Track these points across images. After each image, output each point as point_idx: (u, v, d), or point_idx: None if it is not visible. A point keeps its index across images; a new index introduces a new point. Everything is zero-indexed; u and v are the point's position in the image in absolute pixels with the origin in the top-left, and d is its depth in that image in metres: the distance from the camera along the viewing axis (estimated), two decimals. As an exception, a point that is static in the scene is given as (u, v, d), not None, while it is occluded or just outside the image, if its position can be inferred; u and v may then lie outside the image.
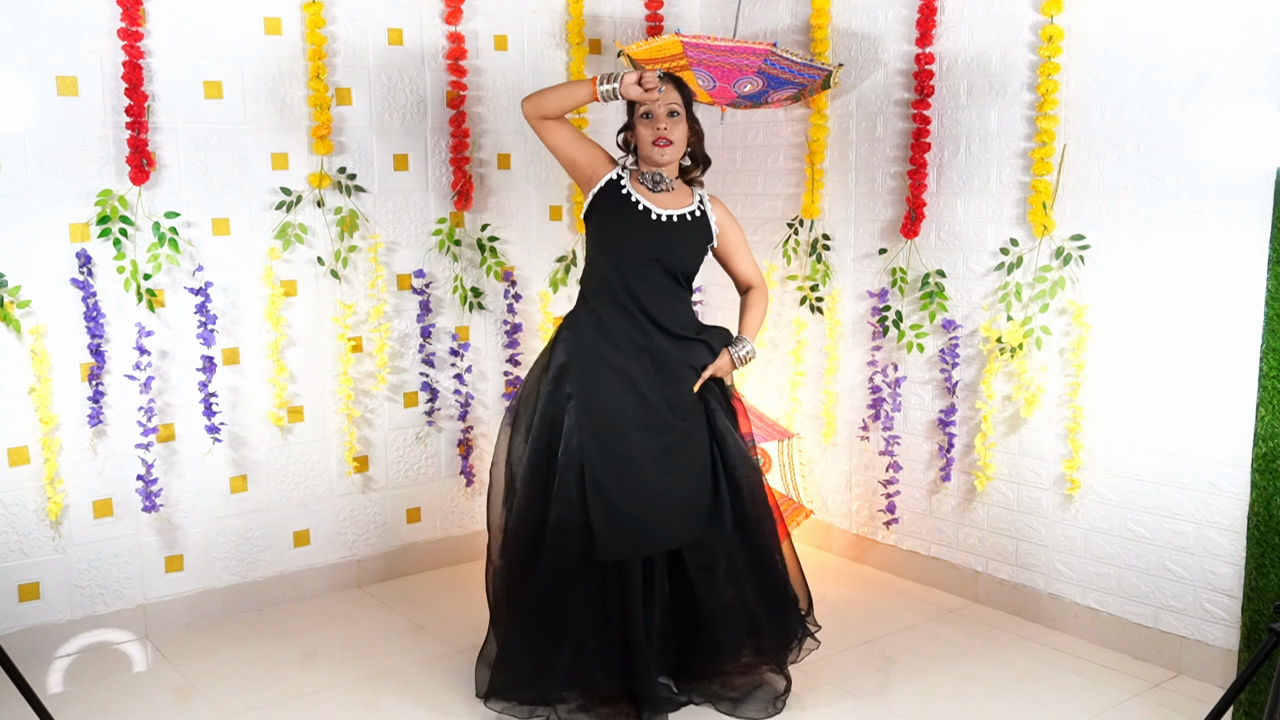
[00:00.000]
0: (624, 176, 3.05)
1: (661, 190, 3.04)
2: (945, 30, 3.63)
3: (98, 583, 3.47)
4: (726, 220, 3.15)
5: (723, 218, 3.14)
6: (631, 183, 3.04)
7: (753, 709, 3.02)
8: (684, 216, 3.04)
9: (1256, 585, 2.91)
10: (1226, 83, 2.96)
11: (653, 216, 3.00)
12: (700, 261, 3.12)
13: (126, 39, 3.30)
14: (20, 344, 3.26)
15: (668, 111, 2.97)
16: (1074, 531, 3.45)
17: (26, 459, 3.31)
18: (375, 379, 3.87)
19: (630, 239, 2.99)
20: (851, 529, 4.17)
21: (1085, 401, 3.35)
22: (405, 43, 3.85)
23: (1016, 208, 3.50)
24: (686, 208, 3.06)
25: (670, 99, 2.98)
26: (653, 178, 3.03)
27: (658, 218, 3.00)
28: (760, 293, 3.24)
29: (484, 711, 3.02)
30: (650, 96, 2.94)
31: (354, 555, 3.96)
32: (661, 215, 3.01)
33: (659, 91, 2.93)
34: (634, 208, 3.00)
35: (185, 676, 3.27)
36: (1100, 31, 3.22)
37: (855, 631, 3.54)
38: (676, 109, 2.99)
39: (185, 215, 3.49)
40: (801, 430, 4.26)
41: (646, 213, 3.00)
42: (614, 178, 3.04)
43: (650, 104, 2.97)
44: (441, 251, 3.99)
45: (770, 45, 3.34)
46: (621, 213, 3.01)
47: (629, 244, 3.00)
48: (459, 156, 3.96)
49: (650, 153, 2.99)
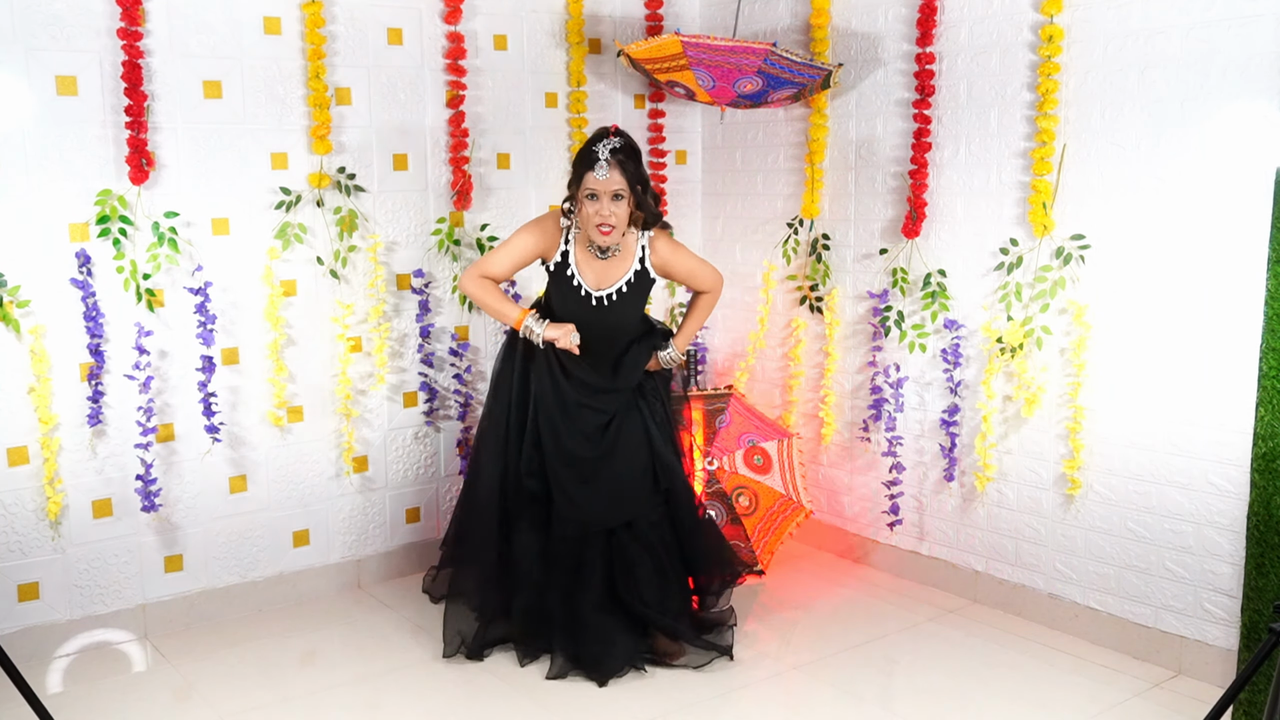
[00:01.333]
0: (569, 252, 3.24)
1: (609, 255, 3.23)
2: (945, 30, 3.63)
3: (97, 583, 3.47)
4: (667, 257, 3.30)
5: (662, 258, 3.29)
6: (577, 252, 3.24)
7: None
8: (621, 289, 3.24)
9: (1256, 585, 2.91)
10: (1226, 83, 2.96)
11: (592, 302, 3.22)
12: (643, 307, 3.36)
13: (126, 39, 3.29)
14: (20, 344, 3.26)
15: (611, 195, 3.09)
16: (1074, 531, 3.45)
17: (26, 459, 3.31)
18: (374, 379, 3.87)
19: (578, 316, 3.24)
20: (851, 529, 4.17)
21: (1085, 401, 3.35)
22: (405, 43, 3.85)
23: (1016, 208, 3.49)
24: (625, 276, 3.25)
25: (614, 186, 3.08)
26: (598, 246, 3.21)
27: (598, 301, 3.22)
28: (712, 295, 3.42)
29: (484, 712, 3.02)
30: (567, 348, 3.20)
31: (354, 555, 3.96)
32: (601, 298, 3.22)
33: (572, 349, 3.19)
34: (576, 291, 3.23)
35: (185, 676, 3.27)
36: (1100, 31, 3.22)
37: (855, 631, 3.54)
38: (621, 193, 3.10)
39: (185, 215, 3.48)
40: (801, 430, 4.26)
41: (588, 297, 3.23)
42: (559, 259, 3.25)
43: (595, 189, 3.09)
44: (441, 251, 3.99)
45: (770, 45, 3.34)
46: (567, 292, 3.24)
47: (577, 318, 3.24)
48: (459, 156, 3.96)
49: (592, 233, 3.15)
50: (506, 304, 3.29)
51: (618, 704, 3.06)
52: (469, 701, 3.09)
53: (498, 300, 3.28)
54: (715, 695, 3.12)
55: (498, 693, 3.13)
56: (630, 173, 3.11)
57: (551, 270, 3.28)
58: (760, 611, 3.68)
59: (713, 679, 3.21)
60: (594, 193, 3.09)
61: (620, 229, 3.16)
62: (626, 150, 3.12)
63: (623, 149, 3.11)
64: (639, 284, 3.27)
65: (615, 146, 3.09)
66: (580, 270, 3.22)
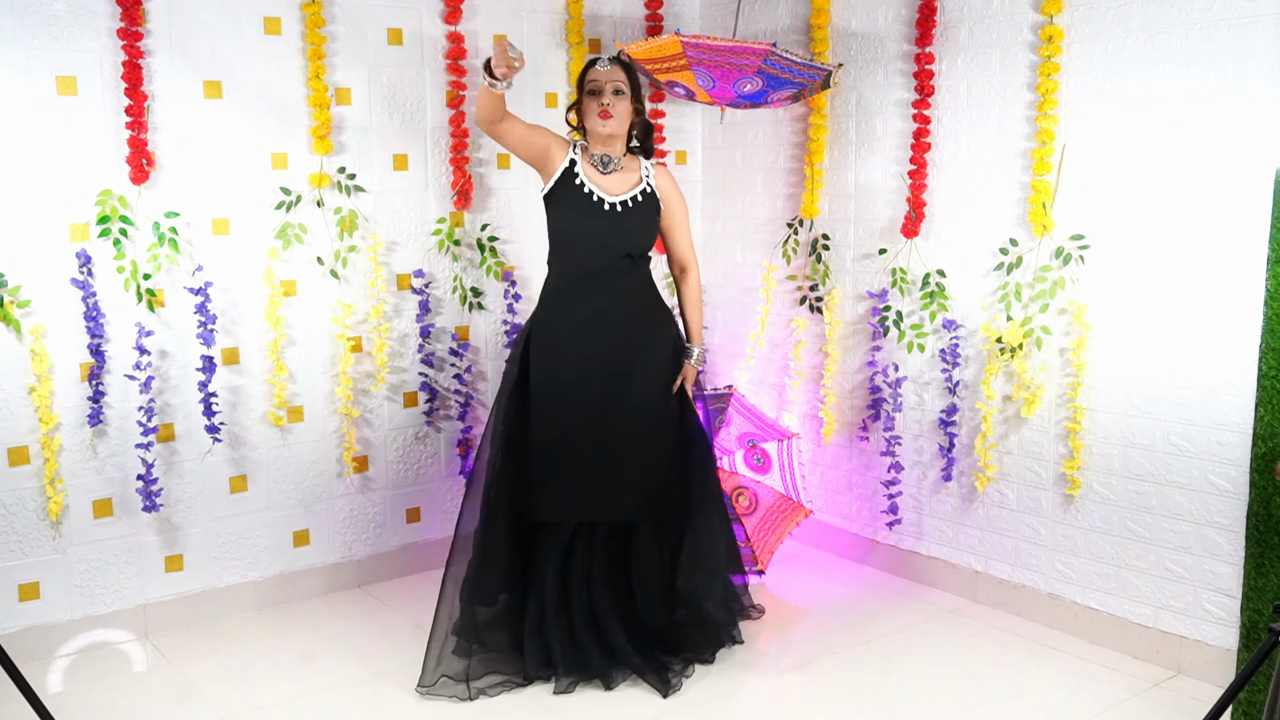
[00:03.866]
0: (577, 160, 3.23)
1: (611, 170, 3.23)
2: (945, 30, 3.63)
3: (98, 582, 3.47)
4: (670, 191, 3.33)
5: (667, 188, 3.32)
6: (583, 164, 3.23)
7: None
8: (634, 198, 3.23)
9: (1256, 585, 2.92)
10: (1226, 83, 2.96)
11: (605, 206, 3.19)
12: (655, 236, 3.31)
13: (126, 39, 3.30)
14: (20, 344, 3.26)
15: (613, 90, 3.18)
16: (1074, 531, 3.45)
17: (26, 459, 3.31)
18: (375, 379, 3.87)
19: (586, 229, 3.20)
20: (851, 529, 4.17)
21: (1085, 401, 3.35)
22: (405, 43, 3.85)
23: (1016, 208, 3.50)
24: (635, 188, 3.24)
25: (616, 77, 3.19)
26: (602, 159, 3.22)
27: (611, 206, 3.20)
28: (693, 279, 3.43)
29: (483, 712, 3.02)
30: (505, 61, 2.95)
31: (354, 555, 3.96)
32: (614, 203, 3.20)
33: (516, 61, 2.98)
34: (588, 198, 3.19)
35: (185, 676, 3.27)
36: (1100, 31, 3.22)
37: (855, 631, 3.55)
38: (621, 88, 3.20)
39: (185, 215, 3.49)
40: (801, 430, 4.26)
41: (600, 203, 3.19)
42: (568, 165, 3.21)
43: (597, 81, 3.17)
44: (441, 251, 3.99)
45: (770, 45, 3.34)
46: (575, 203, 3.20)
47: (586, 233, 3.21)
48: (459, 156, 3.96)
49: (594, 125, 3.19)
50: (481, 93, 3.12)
51: (618, 703, 3.07)
52: (469, 701, 3.09)
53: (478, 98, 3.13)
54: (715, 695, 3.13)
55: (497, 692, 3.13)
56: (632, 76, 3.23)
57: (554, 186, 3.20)
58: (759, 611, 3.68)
59: (713, 679, 3.21)
60: (597, 87, 3.18)
61: (621, 122, 3.20)
62: (628, 64, 3.28)
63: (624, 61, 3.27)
64: (648, 202, 3.26)
65: (615, 55, 3.24)
66: (588, 178, 3.21)
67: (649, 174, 3.29)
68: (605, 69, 3.18)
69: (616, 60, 3.23)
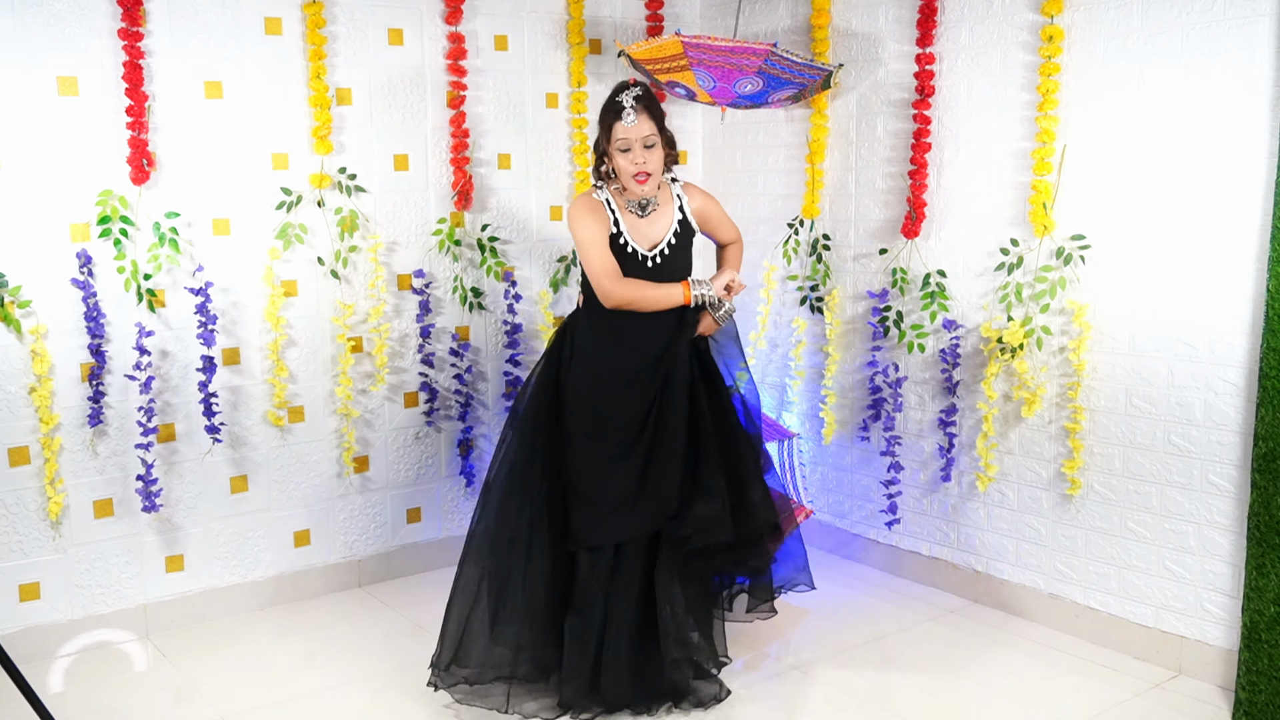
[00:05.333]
0: (618, 218, 3.13)
1: (649, 212, 3.17)
2: (945, 30, 3.63)
3: (98, 583, 3.47)
4: (703, 206, 3.29)
5: (699, 206, 3.28)
6: (622, 215, 3.14)
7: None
8: (670, 242, 3.18)
9: (1256, 585, 2.91)
10: (1226, 83, 2.96)
11: (648, 265, 3.14)
12: (690, 261, 3.26)
13: (126, 39, 3.30)
14: (20, 344, 3.27)
15: (643, 145, 3.04)
16: (1074, 531, 3.45)
17: (27, 459, 3.32)
18: (375, 379, 3.87)
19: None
20: (851, 529, 4.17)
21: (1085, 401, 3.35)
22: (406, 43, 3.86)
23: (1016, 208, 3.50)
24: (673, 224, 3.19)
25: (644, 132, 3.04)
26: (640, 203, 3.15)
27: (654, 261, 3.15)
28: (738, 246, 3.42)
29: (483, 712, 3.02)
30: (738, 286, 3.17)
31: (354, 555, 3.96)
32: (653, 256, 3.15)
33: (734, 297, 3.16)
34: (633, 258, 3.13)
35: (185, 676, 3.27)
36: (1100, 31, 3.22)
37: (855, 631, 3.55)
38: (651, 140, 3.06)
39: (185, 215, 3.49)
40: (801, 430, 4.26)
41: (643, 261, 3.14)
42: (614, 230, 3.11)
43: (627, 139, 3.03)
44: (441, 251, 3.99)
45: (770, 45, 3.34)
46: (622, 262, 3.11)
47: None
48: (459, 156, 3.96)
49: (631, 185, 3.09)
50: (658, 286, 3.12)
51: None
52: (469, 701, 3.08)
53: (649, 287, 3.11)
54: (715, 695, 3.13)
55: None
56: (657, 115, 3.10)
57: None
58: (760, 611, 3.68)
59: (713, 679, 3.21)
60: (626, 145, 3.05)
61: (657, 176, 3.11)
62: (648, 96, 3.11)
63: (644, 95, 3.10)
64: (684, 234, 3.22)
65: (638, 94, 3.07)
66: (631, 235, 3.15)
67: (682, 199, 3.23)
68: (631, 124, 3.02)
69: (640, 101, 3.05)
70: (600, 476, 3.08)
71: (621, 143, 3.04)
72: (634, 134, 3.02)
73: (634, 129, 3.02)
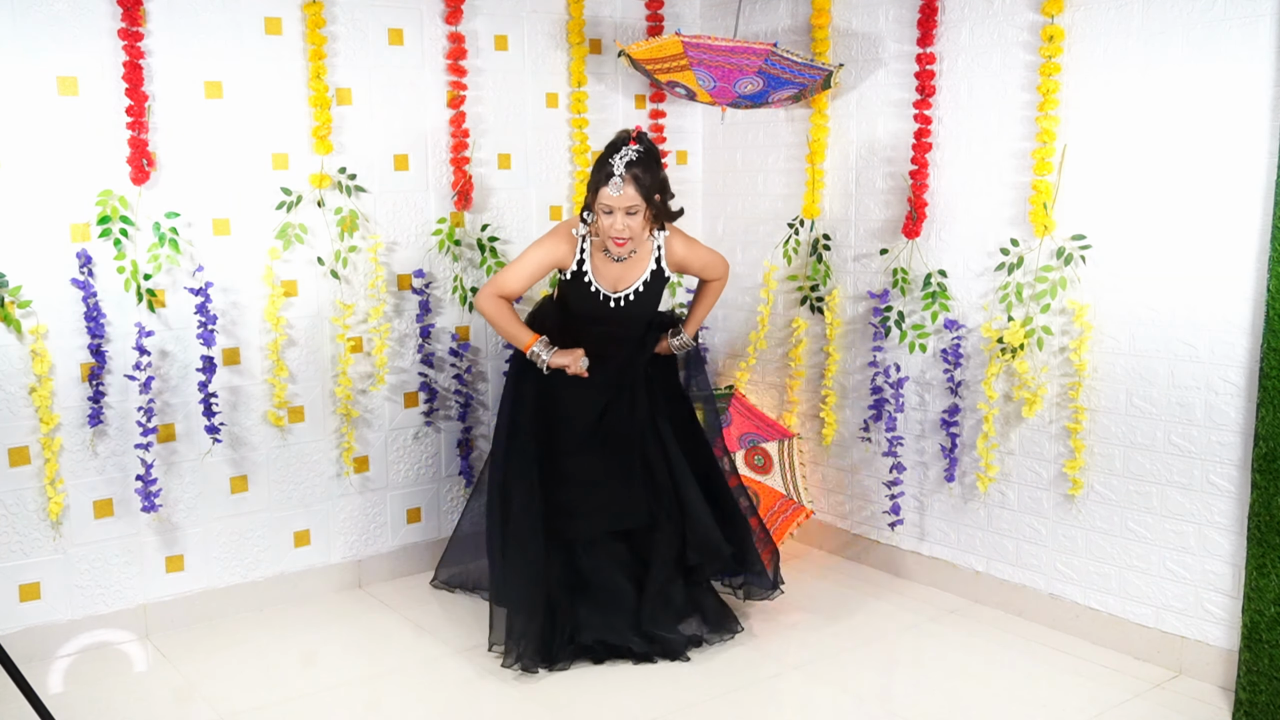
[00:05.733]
0: (586, 257, 3.26)
1: (623, 259, 3.29)
2: (945, 30, 3.63)
3: (98, 583, 3.47)
4: (683, 254, 3.37)
5: (679, 259, 3.37)
6: (592, 256, 3.28)
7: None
8: (638, 289, 3.30)
9: (1256, 585, 2.91)
10: (1227, 82, 2.96)
11: (610, 304, 3.29)
12: (658, 304, 3.42)
13: (126, 39, 3.30)
14: (21, 344, 3.26)
15: (625, 211, 3.13)
16: (1074, 531, 3.45)
17: (27, 459, 3.32)
18: (375, 379, 3.87)
19: (594, 321, 3.33)
20: (852, 529, 4.17)
21: (1086, 401, 3.35)
22: (406, 43, 3.85)
23: (1016, 208, 3.50)
24: (641, 277, 3.30)
25: (628, 202, 3.11)
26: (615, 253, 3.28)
27: (615, 303, 3.28)
28: (720, 282, 3.53)
29: (485, 712, 3.02)
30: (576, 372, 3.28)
31: (354, 555, 3.96)
32: (619, 299, 3.28)
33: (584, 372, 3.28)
34: (594, 296, 3.28)
35: (185, 676, 3.27)
36: (1100, 31, 3.22)
37: (855, 631, 3.54)
38: (634, 209, 3.13)
39: (185, 215, 3.49)
40: (801, 430, 4.26)
41: (606, 300, 3.28)
42: (576, 266, 3.28)
43: (611, 205, 3.11)
44: (441, 251, 3.99)
45: (771, 45, 3.34)
46: (583, 298, 3.30)
47: (594, 323, 3.34)
48: (459, 156, 3.96)
49: (610, 245, 3.22)
50: (518, 327, 3.33)
51: (618, 703, 3.07)
52: (470, 702, 3.09)
53: (511, 323, 3.32)
54: (715, 695, 3.12)
55: (499, 693, 3.14)
56: (645, 186, 3.10)
57: (570, 277, 3.33)
58: (760, 611, 3.68)
59: (713, 679, 3.22)
60: (609, 209, 3.13)
61: (637, 241, 3.24)
62: (644, 161, 3.10)
63: (640, 160, 3.09)
64: (654, 283, 3.34)
65: (631, 160, 3.08)
66: (597, 276, 3.28)
67: (660, 252, 3.32)
68: (617, 194, 3.08)
69: (631, 169, 3.07)
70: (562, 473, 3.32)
71: (605, 206, 3.13)
72: (618, 203, 3.11)
73: (618, 199, 3.10)
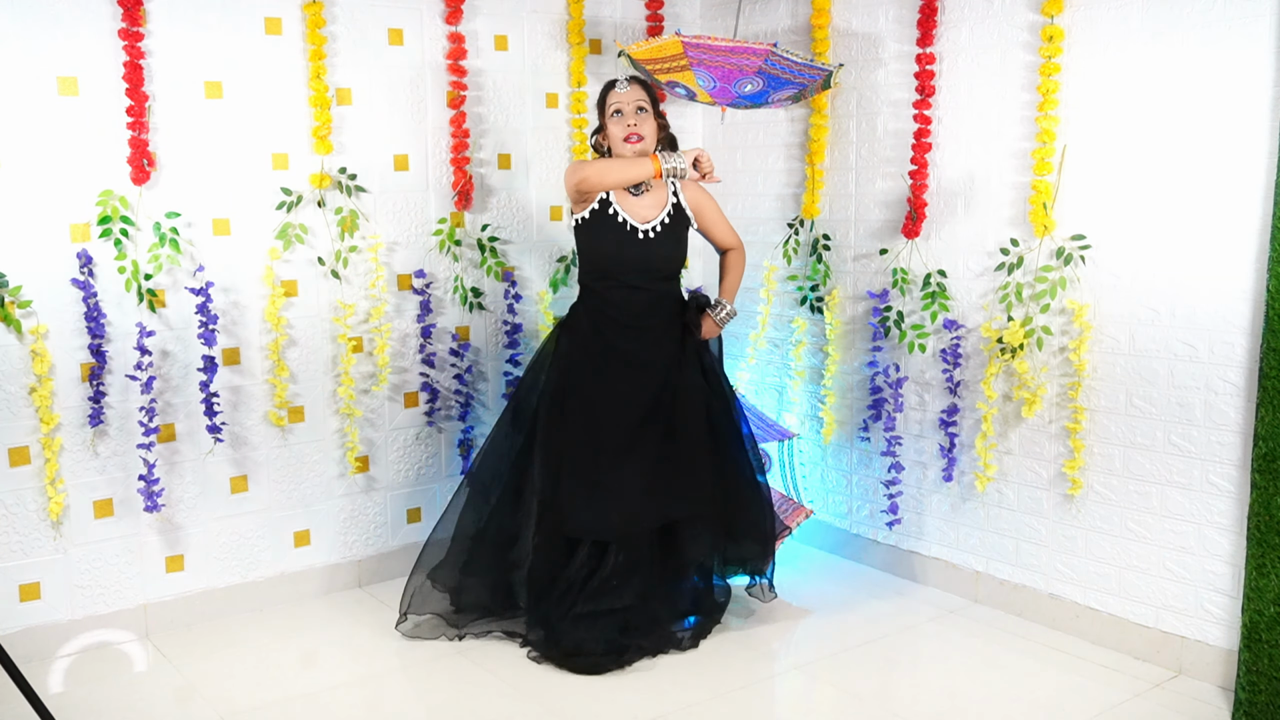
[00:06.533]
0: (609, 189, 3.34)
1: (642, 191, 3.36)
2: (945, 30, 3.63)
3: (98, 583, 3.48)
4: (699, 199, 3.46)
5: (694, 198, 3.45)
6: (615, 190, 3.33)
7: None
8: (663, 221, 3.35)
9: (1256, 585, 2.91)
10: (1227, 83, 2.96)
11: (639, 235, 3.31)
12: (685, 253, 3.48)
13: (127, 39, 3.30)
14: (21, 344, 3.27)
15: (635, 108, 3.28)
16: (1074, 531, 3.45)
17: (27, 459, 3.32)
18: (376, 379, 3.87)
19: (623, 256, 3.34)
20: (851, 529, 4.17)
21: (1085, 401, 3.35)
22: (406, 43, 3.86)
23: (1016, 208, 3.50)
24: (664, 209, 3.36)
25: (636, 96, 3.29)
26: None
27: (645, 235, 3.32)
28: (738, 254, 3.61)
29: (485, 712, 3.02)
30: (710, 179, 3.26)
31: (354, 555, 3.96)
32: (647, 230, 3.32)
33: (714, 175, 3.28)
34: (622, 227, 3.31)
35: (185, 676, 3.27)
36: (1100, 31, 3.22)
37: (855, 631, 3.55)
38: (644, 105, 3.30)
39: (186, 215, 3.49)
40: (801, 430, 4.26)
41: (634, 231, 3.31)
42: (598, 205, 3.34)
43: (619, 103, 3.27)
44: (441, 251, 3.99)
45: (771, 45, 3.34)
46: (610, 232, 3.33)
47: (622, 259, 3.35)
48: (459, 156, 3.96)
49: (621, 149, 3.29)
50: (631, 160, 3.27)
51: (618, 703, 3.07)
52: (470, 702, 3.09)
53: (620, 162, 3.27)
54: (715, 695, 3.13)
55: (499, 692, 3.14)
56: (650, 92, 3.33)
57: (590, 215, 3.35)
58: (760, 611, 3.68)
59: (713, 679, 3.22)
60: (619, 108, 3.27)
61: (650, 142, 3.31)
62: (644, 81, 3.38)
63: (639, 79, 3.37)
64: (677, 218, 3.40)
65: (632, 75, 3.34)
66: (622, 207, 3.33)
67: (676, 187, 3.42)
68: (624, 90, 3.28)
69: (634, 79, 3.32)
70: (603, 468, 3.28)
71: (614, 107, 3.28)
72: (626, 98, 3.27)
73: (626, 94, 3.28)
